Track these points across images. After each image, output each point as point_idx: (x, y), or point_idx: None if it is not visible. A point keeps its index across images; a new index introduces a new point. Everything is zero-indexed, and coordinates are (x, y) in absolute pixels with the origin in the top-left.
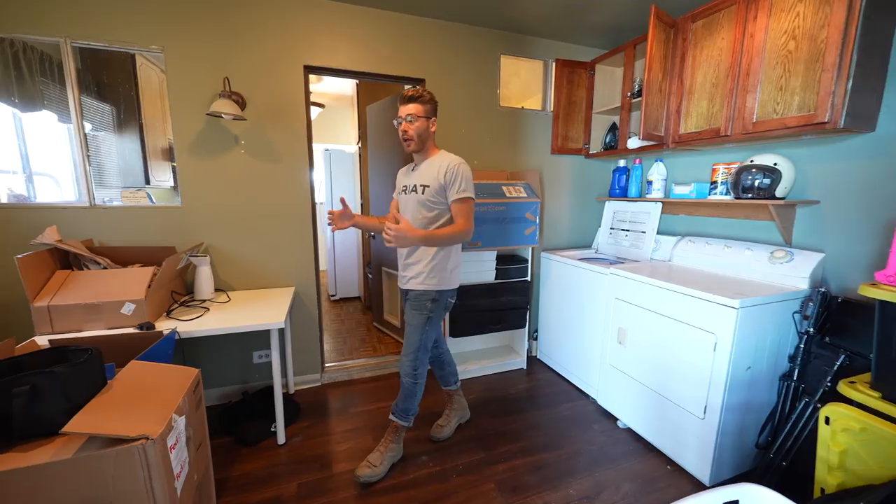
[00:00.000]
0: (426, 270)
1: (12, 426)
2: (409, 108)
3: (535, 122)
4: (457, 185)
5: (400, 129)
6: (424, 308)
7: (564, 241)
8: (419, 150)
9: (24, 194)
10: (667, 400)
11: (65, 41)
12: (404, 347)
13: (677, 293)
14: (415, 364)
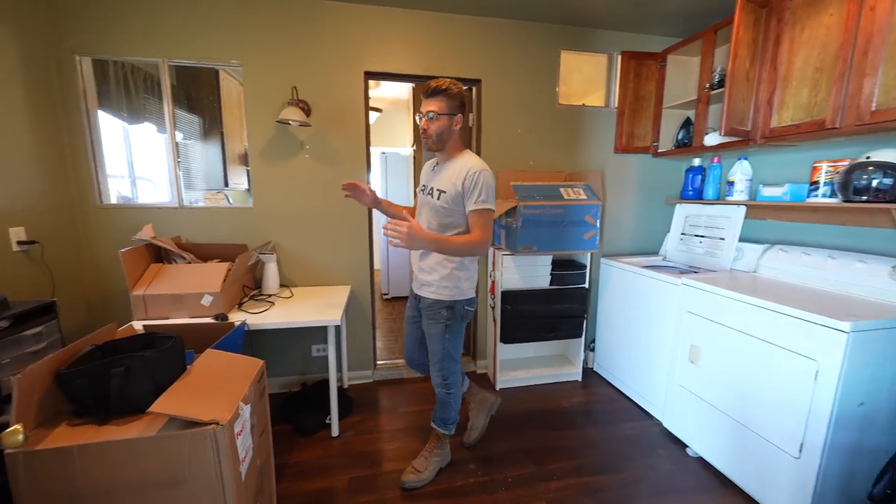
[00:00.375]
0: (439, 280)
1: (110, 403)
2: (431, 103)
3: (596, 119)
4: (476, 194)
5: (420, 125)
6: (440, 317)
7: (628, 247)
8: (440, 150)
9: (128, 196)
10: (750, 431)
11: (162, 61)
12: (430, 358)
13: (768, 310)
14: (444, 374)
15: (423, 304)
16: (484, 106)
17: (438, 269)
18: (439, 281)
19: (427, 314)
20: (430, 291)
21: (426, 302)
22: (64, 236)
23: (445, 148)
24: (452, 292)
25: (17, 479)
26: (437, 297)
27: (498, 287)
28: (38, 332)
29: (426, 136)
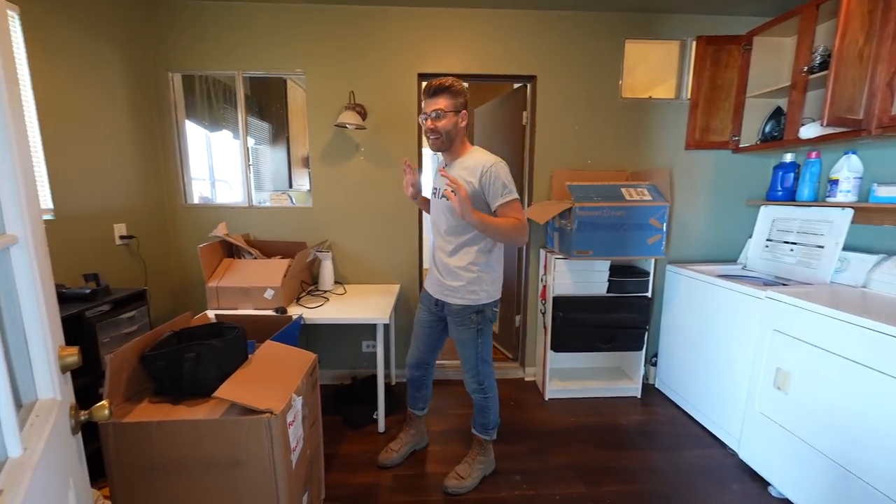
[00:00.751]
0: (466, 285)
1: (183, 385)
2: (437, 101)
3: (665, 112)
4: (499, 188)
5: (426, 126)
6: (471, 322)
7: (699, 253)
8: (447, 149)
9: (208, 196)
10: (852, 475)
11: (238, 73)
12: (462, 364)
13: (883, 334)
14: (479, 379)
15: (449, 311)
16: (539, 103)
17: (464, 274)
18: (466, 286)
19: (456, 321)
20: (458, 298)
21: (454, 308)
22: (156, 232)
23: (452, 146)
24: (480, 296)
25: (108, 447)
26: (466, 303)
27: (549, 292)
28: (132, 316)
29: (434, 135)
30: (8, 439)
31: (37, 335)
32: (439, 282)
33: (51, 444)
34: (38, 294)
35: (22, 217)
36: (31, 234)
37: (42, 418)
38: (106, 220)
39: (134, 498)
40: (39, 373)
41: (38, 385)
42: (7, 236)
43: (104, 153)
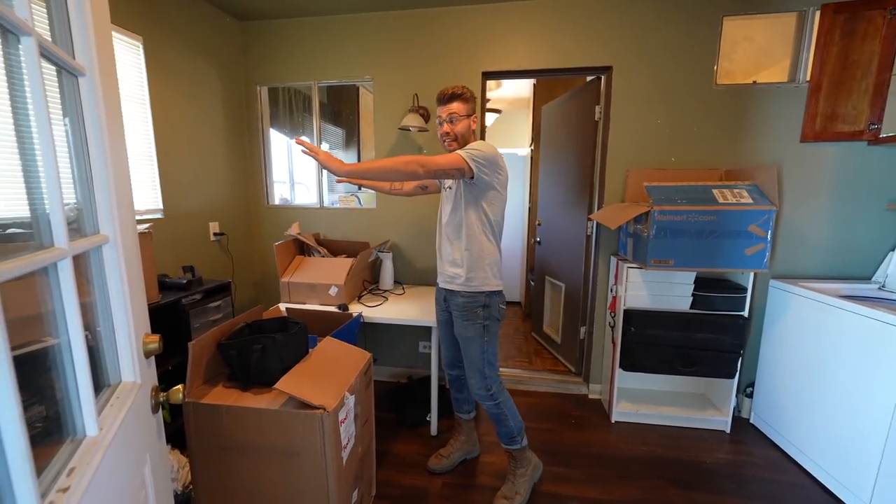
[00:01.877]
0: (469, 267)
1: (250, 373)
2: (451, 107)
3: (773, 99)
4: (470, 147)
5: (441, 130)
6: (476, 316)
7: (817, 268)
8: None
9: (287, 198)
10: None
11: (314, 83)
12: (467, 366)
13: None
14: (486, 385)
15: (454, 304)
16: (615, 96)
17: (461, 257)
18: (471, 272)
19: (462, 314)
20: (459, 284)
21: (459, 301)
22: (242, 230)
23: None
24: (481, 280)
25: (189, 424)
26: (469, 289)
27: (620, 304)
28: (218, 305)
29: (448, 137)
30: (87, 421)
31: (122, 324)
32: (442, 271)
33: (126, 423)
34: (125, 287)
35: (112, 219)
36: (121, 235)
37: (121, 400)
38: (203, 219)
39: (208, 472)
40: (124, 358)
41: (122, 369)
42: (99, 236)
43: (203, 160)
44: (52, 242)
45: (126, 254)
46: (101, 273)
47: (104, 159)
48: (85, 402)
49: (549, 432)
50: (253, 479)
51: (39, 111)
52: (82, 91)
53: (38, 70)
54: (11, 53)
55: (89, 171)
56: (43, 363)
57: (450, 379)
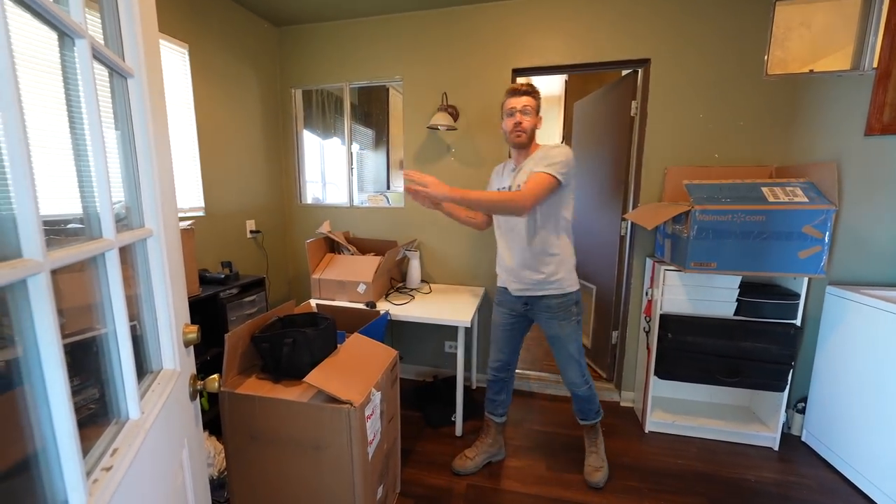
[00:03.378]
0: (557, 270)
1: (280, 367)
2: (523, 99)
3: (833, 89)
4: (550, 160)
5: (512, 121)
6: (571, 314)
7: (880, 274)
8: (526, 146)
9: (319, 197)
10: None
11: (345, 84)
12: (565, 361)
13: None
14: (583, 373)
15: (545, 306)
16: (652, 90)
17: (549, 264)
18: (558, 274)
19: (557, 315)
20: (555, 289)
21: (552, 302)
22: (276, 228)
23: (529, 144)
24: (572, 280)
25: (224, 412)
26: (566, 291)
27: (656, 308)
28: (253, 300)
29: (521, 130)
30: (130, 404)
31: (164, 314)
32: (524, 279)
33: (167, 409)
34: (167, 278)
35: (156, 214)
36: (164, 229)
37: (162, 386)
38: (240, 217)
39: (241, 457)
40: (165, 346)
41: (164, 357)
42: (144, 229)
43: (242, 161)
44: (101, 234)
45: (168, 247)
46: (146, 265)
47: (150, 157)
48: (129, 387)
49: (577, 439)
50: (281, 469)
51: (91, 111)
52: (130, 92)
53: (91, 70)
54: (67, 55)
55: (136, 169)
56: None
57: (494, 380)
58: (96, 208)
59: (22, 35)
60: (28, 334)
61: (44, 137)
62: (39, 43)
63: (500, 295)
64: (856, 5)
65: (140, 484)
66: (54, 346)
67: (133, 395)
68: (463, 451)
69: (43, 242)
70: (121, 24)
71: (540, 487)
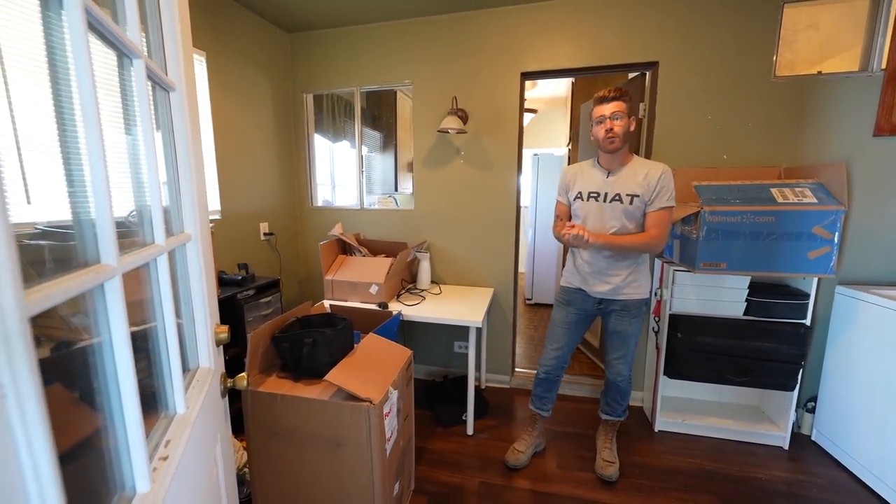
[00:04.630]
0: (640, 278)
1: (301, 365)
2: (612, 105)
3: (841, 91)
4: (666, 193)
5: (603, 127)
6: (642, 314)
7: (890, 274)
8: (618, 151)
9: (329, 200)
10: None
11: (356, 89)
12: (622, 356)
13: None
14: (631, 367)
15: (620, 305)
16: (661, 91)
17: (635, 272)
18: (640, 281)
19: (631, 314)
20: (632, 291)
21: (628, 303)
22: (289, 230)
23: (623, 149)
24: (648, 286)
25: (247, 409)
26: (641, 296)
27: (665, 309)
28: (269, 301)
29: (612, 136)
30: (177, 399)
31: (201, 314)
32: (606, 281)
33: (205, 405)
34: (204, 280)
35: (195, 219)
36: (201, 233)
37: (200, 383)
38: (254, 220)
39: (263, 454)
40: (201, 345)
41: (200, 355)
42: (184, 234)
43: (255, 164)
44: (154, 240)
45: (203, 250)
46: (185, 267)
47: (189, 165)
48: (176, 383)
49: (588, 438)
50: (302, 465)
51: (146, 126)
52: (172, 105)
53: (146, 87)
54: (125, 74)
55: (177, 176)
56: (145, 346)
57: (546, 377)
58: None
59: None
60: (104, 334)
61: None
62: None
63: (569, 294)
64: (864, 7)
65: (189, 474)
66: (126, 344)
67: (180, 391)
68: (512, 446)
69: (117, 248)
70: (163, 38)
71: (551, 485)
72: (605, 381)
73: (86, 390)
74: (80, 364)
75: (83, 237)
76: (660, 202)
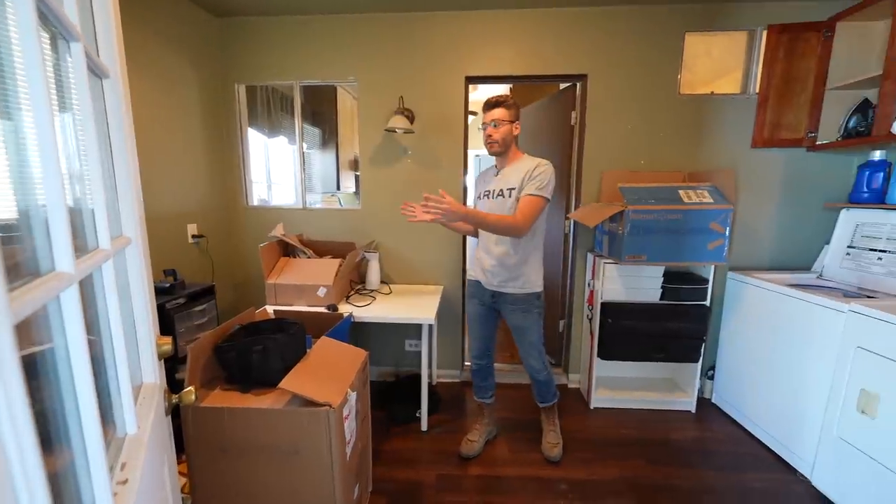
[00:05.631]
0: (527, 272)
1: (251, 375)
2: (494, 113)
3: (729, 109)
4: (537, 181)
5: (484, 133)
6: (534, 307)
7: (766, 260)
8: (502, 153)
9: (265, 198)
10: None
11: (296, 83)
12: (527, 350)
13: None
14: (543, 359)
15: (511, 299)
16: (589, 102)
17: (521, 266)
18: (527, 275)
19: (521, 307)
20: (518, 286)
21: (518, 296)
22: (221, 231)
23: (507, 152)
24: (534, 281)
25: (188, 427)
26: (528, 290)
27: (597, 298)
28: (203, 309)
29: (492, 142)
30: (127, 418)
31: (144, 325)
32: (494, 274)
33: (155, 423)
34: (145, 287)
35: (134, 220)
36: (140, 235)
37: (148, 400)
38: (180, 221)
39: (208, 474)
40: (145, 359)
41: (144, 370)
42: (123, 238)
43: (179, 159)
44: (97, 244)
45: (143, 254)
46: (124, 274)
47: (127, 161)
48: (126, 401)
49: (534, 422)
50: (257, 479)
51: (87, 118)
52: (106, 93)
53: (86, 75)
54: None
55: (113, 173)
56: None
57: (477, 368)
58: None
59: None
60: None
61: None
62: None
63: (471, 287)
64: (743, 41)
65: (146, 499)
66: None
67: (131, 410)
68: (466, 437)
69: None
70: (94, 17)
71: (504, 468)
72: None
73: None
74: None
75: (32, 240)
76: (528, 189)
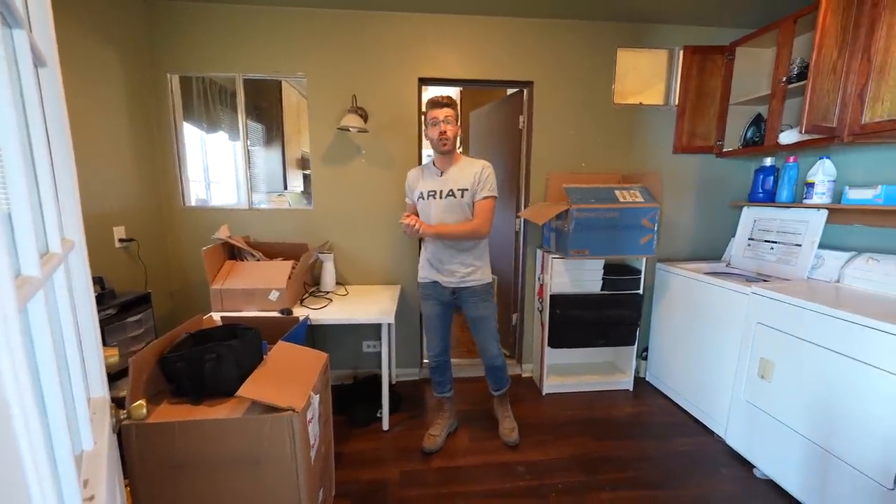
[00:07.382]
0: (481, 265)
1: (204, 385)
2: (445, 111)
3: (654, 118)
4: (488, 184)
5: (437, 129)
6: (490, 296)
7: (686, 252)
8: (450, 152)
9: (204, 198)
10: (832, 456)
11: (238, 75)
12: (487, 337)
13: (857, 325)
14: (499, 344)
15: (471, 293)
16: (536, 107)
17: (475, 260)
18: (482, 268)
19: (481, 298)
20: (477, 278)
21: (476, 288)
22: (155, 234)
23: (453, 150)
24: (487, 272)
25: (130, 446)
26: (486, 280)
27: (547, 291)
28: (138, 319)
29: (446, 139)
30: (83, 433)
31: (89, 335)
32: (453, 272)
33: (109, 439)
34: (90, 295)
35: (77, 223)
36: (82, 238)
37: (99, 415)
38: (105, 223)
39: (156, 495)
40: (92, 372)
41: (92, 384)
42: (68, 241)
43: (103, 155)
44: (47, 248)
45: (85, 258)
46: (70, 281)
47: (67, 157)
48: (82, 415)
49: (490, 411)
50: (216, 494)
51: (33, 110)
52: (43, 84)
53: (31, 67)
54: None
55: (53, 171)
56: None
57: (436, 365)
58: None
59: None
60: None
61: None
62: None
63: (427, 289)
64: (664, 59)
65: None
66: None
67: (86, 424)
68: (427, 432)
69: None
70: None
71: (466, 458)
72: (484, 365)
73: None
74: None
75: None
76: (483, 192)
